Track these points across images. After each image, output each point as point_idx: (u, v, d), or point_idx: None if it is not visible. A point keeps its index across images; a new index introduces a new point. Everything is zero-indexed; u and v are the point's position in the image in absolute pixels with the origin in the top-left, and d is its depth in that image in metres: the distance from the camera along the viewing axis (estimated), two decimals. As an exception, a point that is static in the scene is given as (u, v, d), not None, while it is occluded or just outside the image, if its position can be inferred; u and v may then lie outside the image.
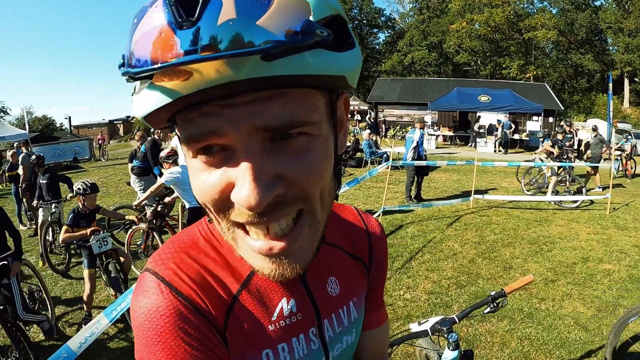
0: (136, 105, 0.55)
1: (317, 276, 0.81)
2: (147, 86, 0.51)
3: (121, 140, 47.42)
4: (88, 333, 2.46)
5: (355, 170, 14.71)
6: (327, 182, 0.62)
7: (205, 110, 0.52)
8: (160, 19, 0.47)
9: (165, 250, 0.72)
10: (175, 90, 0.49)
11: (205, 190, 0.58)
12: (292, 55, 0.47)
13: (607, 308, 4.86)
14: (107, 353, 4.31)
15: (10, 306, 4.17)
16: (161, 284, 0.66)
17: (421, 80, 35.67)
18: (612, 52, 42.16)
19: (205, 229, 0.77)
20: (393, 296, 5.19)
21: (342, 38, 0.55)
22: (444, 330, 2.18)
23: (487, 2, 41.61)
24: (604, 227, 7.98)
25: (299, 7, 0.48)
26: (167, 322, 0.63)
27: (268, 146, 0.54)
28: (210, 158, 0.56)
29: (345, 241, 0.89)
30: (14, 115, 54.83)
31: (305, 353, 0.77)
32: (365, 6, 51.22)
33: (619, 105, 36.88)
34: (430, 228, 8.02)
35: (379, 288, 1.00)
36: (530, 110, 22.70)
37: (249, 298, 0.72)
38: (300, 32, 0.46)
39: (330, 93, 0.61)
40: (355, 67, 0.57)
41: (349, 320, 0.85)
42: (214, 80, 0.47)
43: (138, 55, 0.48)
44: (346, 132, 0.70)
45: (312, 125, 0.56)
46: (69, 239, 4.86)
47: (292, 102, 0.53)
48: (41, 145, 21.65)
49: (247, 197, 0.53)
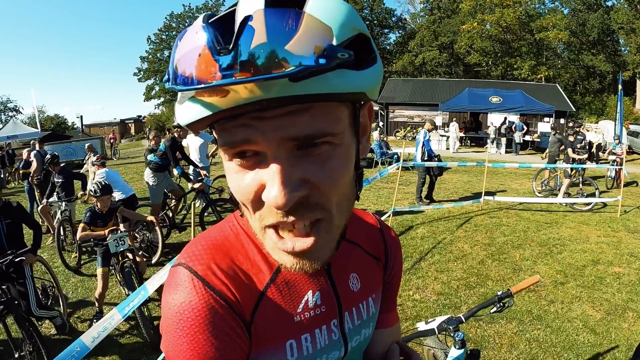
0: (180, 114, 0.61)
1: (341, 271, 0.86)
2: (189, 99, 0.58)
3: (132, 139, 47.72)
4: (101, 328, 2.50)
5: (366, 171, 14.68)
6: (347, 187, 0.68)
7: (240, 122, 0.59)
8: (202, 42, 0.53)
9: (197, 246, 0.77)
10: (215, 104, 0.55)
11: (240, 189, 0.64)
12: (316, 77, 0.52)
13: (617, 311, 4.84)
14: (118, 349, 4.36)
15: (24, 301, 4.23)
16: (195, 278, 0.70)
17: (432, 81, 35.50)
18: (624, 53, 41.68)
19: (236, 224, 0.82)
20: (402, 296, 5.21)
21: (364, 55, 0.60)
22: (451, 329, 2.20)
23: (498, 3, 41.26)
24: (614, 230, 7.94)
25: (323, 33, 0.53)
26: (198, 316, 0.68)
27: (295, 153, 0.60)
28: (244, 161, 0.62)
29: (365, 241, 0.96)
30: (27, 114, 55.31)
31: (326, 343, 0.82)
32: (376, 7, 50.99)
33: (631, 106, 36.44)
34: (440, 229, 8.03)
35: (393, 290, 1.05)
36: (542, 112, 22.53)
37: (277, 291, 0.77)
38: (323, 56, 0.51)
39: (353, 104, 0.66)
40: (375, 83, 0.62)
41: (367, 314, 0.91)
42: (247, 98, 0.53)
43: (182, 73, 0.55)
44: (369, 137, 0.75)
45: (335, 135, 0.61)
46: (86, 237, 4.93)
47: (317, 115, 0.59)
48: (53, 144, 21.82)
49: (275, 197, 0.59)
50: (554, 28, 40.00)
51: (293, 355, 0.77)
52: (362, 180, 0.73)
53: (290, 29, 0.51)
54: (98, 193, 5.02)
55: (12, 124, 22.50)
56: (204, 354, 0.67)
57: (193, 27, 0.57)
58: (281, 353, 0.76)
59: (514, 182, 13.10)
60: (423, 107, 28.91)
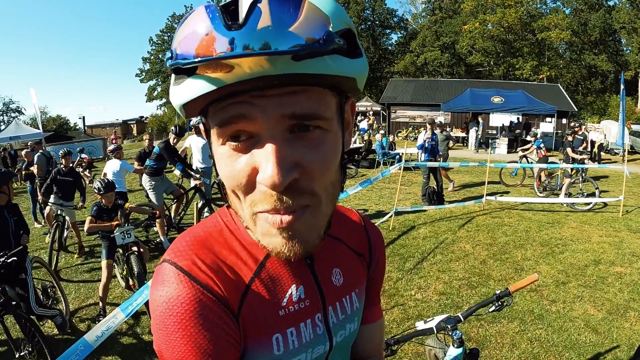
0: (178, 93, 0.63)
1: (324, 266, 0.87)
2: (191, 76, 0.60)
3: (134, 140, 47.75)
4: (105, 327, 2.52)
5: (368, 171, 14.73)
6: (334, 173, 0.71)
7: (240, 99, 0.61)
8: (208, 22, 0.57)
9: (182, 242, 0.77)
10: (220, 79, 0.57)
11: (233, 175, 0.66)
12: (316, 58, 0.57)
13: (618, 311, 4.84)
14: (120, 348, 4.38)
15: (23, 302, 4.25)
16: (180, 273, 0.70)
17: (434, 81, 35.44)
18: (626, 53, 41.64)
19: (219, 220, 0.83)
20: (404, 296, 5.22)
21: (352, 48, 0.64)
22: (449, 328, 2.22)
23: (499, 3, 41.26)
24: (616, 230, 7.93)
25: (322, 19, 0.58)
26: (187, 310, 0.67)
27: (289, 137, 0.63)
28: (238, 144, 0.64)
29: (349, 238, 0.97)
30: (29, 115, 55.38)
31: (311, 338, 0.83)
32: (377, 7, 50.98)
33: (633, 106, 36.41)
34: (442, 229, 8.03)
35: (376, 285, 1.07)
36: (544, 112, 22.53)
37: (261, 285, 0.77)
38: (322, 39, 0.56)
39: (340, 96, 0.70)
40: (363, 72, 0.67)
41: (351, 309, 0.92)
42: (251, 73, 0.56)
43: (185, 50, 0.58)
44: (351, 132, 0.78)
45: (326, 120, 0.66)
46: (94, 229, 5.09)
47: (313, 98, 0.63)
48: (55, 145, 21.84)
49: (270, 177, 0.61)
50: (556, 28, 39.96)
51: (280, 350, 0.78)
52: (347, 171, 0.75)
53: (292, 14, 0.56)
54: (102, 191, 5.18)
55: (14, 124, 22.46)
56: (198, 347, 0.67)
57: (197, 10, 0.60)
58: (268, 347, 0.77)
59: (516, 181, 13.07)
60: (425, 107, 28.88)
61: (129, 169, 8.01)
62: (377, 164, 15.28)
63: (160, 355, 0.70)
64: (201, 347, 0.67)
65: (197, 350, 0.67)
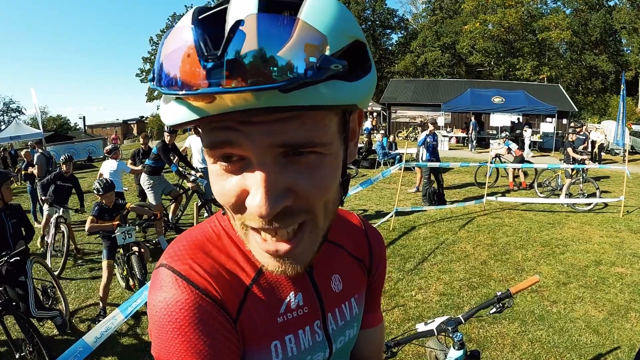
0: (165, 114, 0.59)
1: (323, 273, 0.86)
2: (175, 99, 0.55)
3: (134, 140, 47.74)
4: (104, 328, 2.51)
5: (369, 172, 14.72)
6: (332, 194, 0.67)
7: (226, 125, 0.56)
8: (189, 43, 0.50)
9: (179, 246, 0.75)
10: (202, 109, 0.52)
11: (223, 193, 0.63)
12: (307, 88, 0.50)
13: (619, 312, 4.83)
14: (120, 349, 4.38)
15: (23, 303, 4.25)
16: (178, 278, 0.69)
17: (434, 81, 35.39)
18: (626, 53, 41.63)
19: (217, 225, 0.81)
20: (405, 297, 5.21)
21: (359, 64, 0.59)
22: (449, 329, 2.21)
23: (500, 3, 41.24)
24: (617, 230, 7.92)
25: (317, 42, 0.50)
26: (186, 314, 0.66)
27: (281, 161, 0.59)
28: (229, 165, 0.61)
29: (348, 243, 0.95)
30: (29, 115, 55.42)
31: (310, 345, 0.82)
32: (378, 7, 50.93)
33: (634, 106, 36.38)
34: (442, 229, 8.03)
35: (376, 290, 1.05)
36: (544, 112, 22.48)
37: (260, 291, 0.76)
38: (315, 67, 0.49)
39: (344, 112, 0.65)
40: (367, 94, 0.60)
41: (350, 315, 0.90)
42: (234, 106, 0.50)
43: (167, 74, 0.52)
44: (357, 141, 0.74)
45: (324, 146, 0.60)
46: (95, 229, 5.13)
47: (307, 123, 0.57)
48: (56, 145, 21.85)
49: (258, 206, 0.58)
50: (556, 28, 39.93)
51: (278, 356, 0.77)
52: (348, 185, 0.72)
53: (282, 36, 0.48)
54: (101, 191, 5.21)
55: (14, 124, 22.47)
56: (198, 352, 0.66)
57: (181, 23, 0.54)
58: (266, 354, 0.76)
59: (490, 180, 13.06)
60: (425, 107, 28.83)
61: (126, 169, 8.09)
62: (378, 164, 15.28)
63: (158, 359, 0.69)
64: (200, 352, 0.66)
65: (196, 355, 0.66)
